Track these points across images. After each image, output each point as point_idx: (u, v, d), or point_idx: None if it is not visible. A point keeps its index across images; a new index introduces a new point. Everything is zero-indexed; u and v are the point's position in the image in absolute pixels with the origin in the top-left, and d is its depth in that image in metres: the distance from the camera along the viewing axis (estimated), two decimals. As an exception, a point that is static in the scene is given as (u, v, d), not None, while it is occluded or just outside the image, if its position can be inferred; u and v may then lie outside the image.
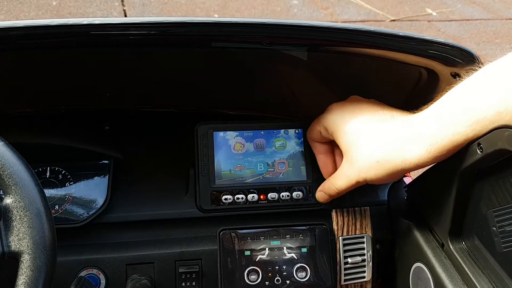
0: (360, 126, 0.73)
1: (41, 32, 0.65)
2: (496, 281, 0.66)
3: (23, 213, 0.52)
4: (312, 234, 0.83)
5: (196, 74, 0.87)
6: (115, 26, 0.65)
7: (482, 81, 0.59)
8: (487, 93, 0.57)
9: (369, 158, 0.70)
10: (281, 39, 0.70)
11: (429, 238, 0.80)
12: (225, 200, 0.82)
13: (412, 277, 0.82)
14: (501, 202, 0.63)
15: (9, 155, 0.53)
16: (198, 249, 0.81)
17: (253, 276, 0.81)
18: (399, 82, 0.85)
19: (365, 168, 0.71)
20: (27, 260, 0.51)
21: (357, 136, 0.72)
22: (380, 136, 0.70)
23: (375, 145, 0.70)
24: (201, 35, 0.69)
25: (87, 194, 0.80)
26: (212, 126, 0.84)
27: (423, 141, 0.64)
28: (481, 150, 0.60)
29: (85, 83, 0.87)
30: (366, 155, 0.71)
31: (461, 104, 0.60)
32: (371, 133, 0.71)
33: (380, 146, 0.69)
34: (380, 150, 0.69)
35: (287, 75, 0.91)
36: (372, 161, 0.70)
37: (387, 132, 0.70)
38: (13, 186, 0.52)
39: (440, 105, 0.64)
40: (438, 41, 0.69)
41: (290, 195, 0.84)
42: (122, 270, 0.78)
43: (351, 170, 0.73)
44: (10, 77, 0.81)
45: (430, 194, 0.79)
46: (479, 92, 0.59)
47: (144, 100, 0.95)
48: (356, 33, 0.69)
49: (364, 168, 0.71)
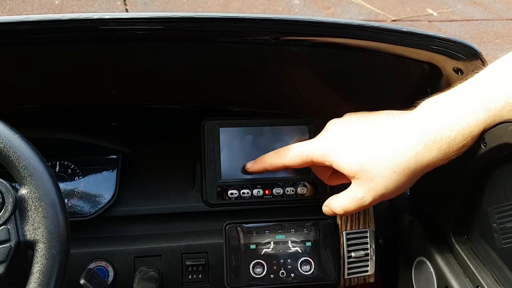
0: (364, 144, 0.68)
1: (52, 27, 0.66)
2: (498, 275, 0.67)
3: (38, 203, 0.53)
4: (316, 228, 0.85)
5: (202, 72, 0.88)
6: (124, 21, 0.67)
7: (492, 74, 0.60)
8: (495, 87, 0.58)
9: (385, 173, 0.66)
10: (287, 34, 0.71)
11: (431, 233, 0.81)
12: (231, 195, 0.84)
13: (414, 271, 0.84)
14: (502, 199, 0.65)
15: (24, 148, 0.55)
16: (204, 242, 0.82)
17: (258, 269, 0.82)
18: (402, 79, 0.86)
19: (383, 184, 0.66)
20: (42, 249, 0.52)
21: (364, 155, 0.68)
22: (389, 145, 0.66)
23: (387, 155, 0.66)
24: (207, 30, 0.71)
25: (96, 188, 0.81)
26: (218, 122, 0.85)
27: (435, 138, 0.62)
28: (485, 144, 0.61)
29: (92, 80, 0.88)
30: (382, 170, 0.66)
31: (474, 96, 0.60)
32: (378, 145, 0.67)
33: (392, 156, 0.65)
34: (394, 158, 0.65)
35: (291, 73, 0.92)
36: (389, 173, 0.65)
37: (396, 139, 0.66)
38: (28, 177, 0.54)
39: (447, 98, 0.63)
40: (441, 37, 0.70)
41: (295, 190, 0.85)
42: (130, 263, 0.79)
43: (366, 192, 0.68)
44: (19, 72, 0.82)
45: (433, 190, 0.80)
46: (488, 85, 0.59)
47: (151, 97, 0.97)
48: (361, 29, 0.70)
49: (381, 184, 0.67)
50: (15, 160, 0.54)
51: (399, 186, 0.66)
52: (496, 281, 0.67)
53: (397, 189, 0.67)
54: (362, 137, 0.69)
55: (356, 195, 0.70)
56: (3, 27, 0.64)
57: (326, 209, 0.78)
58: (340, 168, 0.70)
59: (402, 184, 0.66)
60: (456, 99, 0.62)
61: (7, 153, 0.54)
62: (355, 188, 0.70)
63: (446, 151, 0.62)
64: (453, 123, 0.61)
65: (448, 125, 0.61)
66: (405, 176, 0.65)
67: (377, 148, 0.67)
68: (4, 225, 0.53)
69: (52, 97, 0.93)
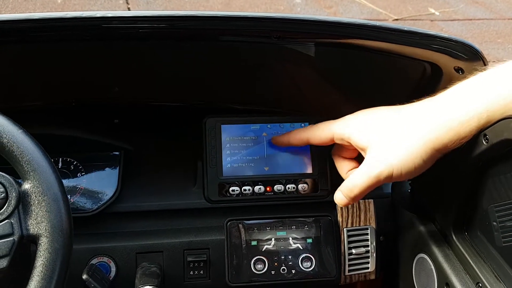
0: (383, 120, 0.70)
1: (55, 25, 0.66)
2: (498, 271, 0.68)
3: (41, 197, 0.54)
4: (317, 225, 0.85)
5: (204, 70, 0.88)
6: (126, 19, 0.67)
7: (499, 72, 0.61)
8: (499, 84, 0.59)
9: (406, 148, 0.66)
10: (289, 33, 0.72)
11: (432, 230, 0.82)
12: (232, 191, 0.84)
13: (415, 267, 0.84)
14: (502, 197, 0.65)
15: (28, 143, 0.55)
16: (206, 238, 0.83)
17: (260, 266, 0.82)
18: (403, 79, 0.86)
19: (399, 158, 0.66)
20: (45, 243, 0.53)
21: (381, 129, 0.69)
22: (406, 120, 0.67)
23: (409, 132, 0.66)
24: (209, 28, 0.71)
25: (98, 185, 0.82)
26: (220, 119, 0.86)
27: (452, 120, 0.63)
28: (487, 140, 0.61)
29: (94, 78, 0.89)
30: (400, 143, 0.66)
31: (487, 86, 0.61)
32: (397, 122, 0.68)
33: (411, 131, 0.66)
34: (414, 135, 0.65)
35: (293, 72, 0.92)
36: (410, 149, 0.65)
37: (414, 118, 0.67)
38: (32, 172, 0.54)
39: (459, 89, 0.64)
40: (442, 36, 0.71)
41: (296, 187, 0.86)
42: (132, 258, 0.80)
43: (380, 165, 0.68)
44: (22, 70, 0.83)
45: (434, 186, 0.80)
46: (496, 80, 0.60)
47: (152, 95, 0.97)
48: (362, 28, 0.70)
49: (398, 159, 0.66)
50: (18, 155, 0.54)
51: (418, 165, 0.66)
52: (497, 277, 0.68)
53: (416, 168, 0.66)
54: (383, 118, 0.70)
55: (371, 170, 0.68)
56: (5, 25, 0.65)
57: (339, 196, 0.74)
58: (357, 140, 0.71)
59: (419, 163, 0.66)
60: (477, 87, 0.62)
61: (11, 148, 0.54)
62: (371, 162, 0.69)
63: (462, 136, 0.63)
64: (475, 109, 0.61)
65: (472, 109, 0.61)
66: (425, 153, 0.65)
67: (399, 126, 0.67)
68: (7, 219, 0.53)
69: (55, 95, 0.93)
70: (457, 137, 0.63)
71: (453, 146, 0.64)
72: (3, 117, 0.56)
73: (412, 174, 0.67)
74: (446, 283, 0.74)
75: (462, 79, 0.65)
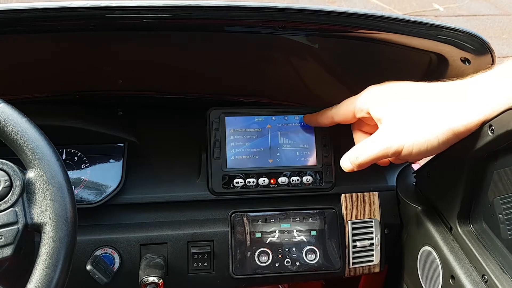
0: (404, 93, 0.69)
1: (58, 14, 0.66)
2: (504, 264, 0.67)
3: (45, 186, 0.54)
4: (321, 217, 0.85)
5: (208, 62, 0.88)
6: (130, 8, 0.67)
7: None
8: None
9: (424, 124, 0.64)
10: (293, 23, 0.71)
11: (437, 222, 0.81)
12: (237, 183, 0.84)
13: (420, 260, 0.84)
14: (508, 190, 0.65)
15: (32, 131, 0.55)
16: (210, 230, 0.83)
17: (264, 258, 0.82)
18: (409, 69, 0.85)
19: (412, 135, 0.65)
20: (50, 231, 0.53)
21: (400, 102, 0.68)
22: (425, 100, 0.66)
23: (427, 108, 0.65)
24: (213, 18, 0.70)
25: (102, 176, 0.82)
26: (224, 111, 0.85)
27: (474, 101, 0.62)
28: (493, 131, 0.61)
29: (98, 70, 0.89)
30: (417, 120, 0.65)
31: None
32: (416, 100, 0.67)
33: (432, 108, 0.64)
34: (429, 110, 0.64)
35: (298, 65, 0.92)
36: (421, 122, 0.64)
37: (434, 96, 0.66)
38: (36, 161, 0.54)
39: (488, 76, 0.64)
40: (448, 27, 0.70)
41: (300, 179, 0.85)
42: (136, 250, 0.80)
43: (391, 138, 0.66)
44: (26, 60, 0.83)
45: (439, 179, 0.80)
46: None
47: (156, 87, 0.97)
48: (367, 18, 0.70)
49: (411, 135, 0.65)
50: (22, 144, 0.54)
51: (430, 140, 0.64)
52: (502, 269, 0.67)
53: (429, 145, 0.64)
54: (405, 91, 0.69)
55: (382, 141, 0.67)
56: (9, 14, 0.64)
57: (345, 161, 0.73)
58: (374, 111, 0.70)
59: (432, 139, 0.64)
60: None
61: (15, 136, 0.54)
62: (384, 131, 0.68)
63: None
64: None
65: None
66: (441, 134, 0.63)
67: (419, 101, 0.66)
68: (12, 207, 0.53)
69: (59, 87, 0.93)
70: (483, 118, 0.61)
71: (473, 130, 0.63)
72: (8, 106, 0.56)
73: (422, 154, 0.66)
74: (452, 276, 0.74)
75: (469, 70, 0.64)
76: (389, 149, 0.67)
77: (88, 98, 0.95)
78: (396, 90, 0.70)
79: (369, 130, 0.77)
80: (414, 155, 0.66)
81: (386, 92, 0.71)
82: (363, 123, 0.78)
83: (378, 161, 0.70)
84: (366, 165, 0.71)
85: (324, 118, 0.81)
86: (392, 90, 0.71)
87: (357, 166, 0.72)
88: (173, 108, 0.97)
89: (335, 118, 0.79)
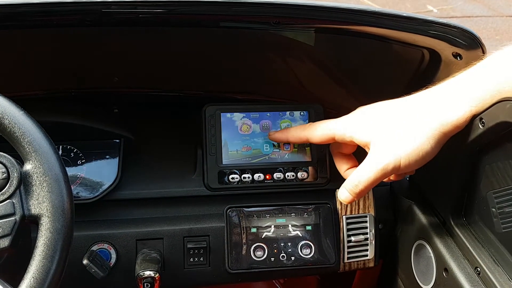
0: (384, 113, 0.69)
1: (54, 9, 0.66)
2: (497, 257, 0.68)
3: (42, 178, 0.54)
4: (316, 212, 0.86)
5: (204, 59, 0.89)
6: (126, 3, 0.67)
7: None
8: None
9: (415, 135, 0.64)
10: (287, 18, 0.72)
11: (430, 216, 0.82)
12: (232, 179, 0.84)
13: (413, 254, 0.84)
14: (501, 184, 0.65)
15: (29, 124, 0.56)
16: (205, 226, 0.83)
17: (259, 252, 0.83)
18: (402, 65, 0.86)
19: (406, 148, 0.65)
20: (47, 222, 0.53)
21: (383, 123, 0.68)
22: (408, 110, 0.67)
23: (413, 121, 0.65)
24: (209, 14, 0.71)
25: (98, 172, 0.82)
26: (220, 107, 0.86)
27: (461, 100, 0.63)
28: (483, 124, 0.62)
29: (94, 67, 0.89)
30: (407, 133, 0.65)
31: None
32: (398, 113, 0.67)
33: (418, 119, 0.65)
34: (414, 118, 0.65)
35: (292, 62, 0.93)
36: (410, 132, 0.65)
37: (416, 104, 0.67)
38: (33, 153, 0.54)
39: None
40: (440, 22, 0.71)
41: (295, 175, 0.86)
42: (132, 245, 0.80)
43: (386, 156, 0.66)
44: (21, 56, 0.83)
45: (432, 173, 0.80)
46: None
47: (152, 84, 0.97)
48: (361, 13, 0.70)
49: (405, 148, 0.65)
50: (20, 136, 0.55)
51: (425, 150, 0.65)
52: (495, 262, 0.68)
53: (424, 155, 0.65)
54: (385, 111, 0.69)
55: (377, 162, 0.66)
56: (4, 9, 0.65)
57: (343, 193, 0.72)
58: (359, 137, 0.69)
59: (428, 149, 0.65)
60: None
61: (12, 129, 0.55)
62: (375, 155, 0.67)
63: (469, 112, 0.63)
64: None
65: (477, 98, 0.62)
66: (433, 139, 0.64)
67: (403, 117, 0.66)
68: (9, 199, 0.54)
69: (55, 84, 0.93)
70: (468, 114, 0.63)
71: (462, 127, 0.64)
72: (4, 99, 0.57)
73: (420, 162, 0.66)
74: (445, 269, 0.75)
75: (461, 65, 0.65)
76: (387, 167, 0.66)
77: (84, 95, 0.96)
78: (376, 112, 0.70)
79: (349, 151, 0.78)
80: (413, 165, 0.66)
81: (365, 117, 0.71)
82: (342, 145, 0.77)
83: (378, 182, 0.69)
84: (366, 191, 0.70)
85: (296, 137, 0.81)
86: (371, 113, 0.70)
87: (357, 194, 0.70)
88: (169, 104, 0.97)
89: (311, 140, 0.78)
